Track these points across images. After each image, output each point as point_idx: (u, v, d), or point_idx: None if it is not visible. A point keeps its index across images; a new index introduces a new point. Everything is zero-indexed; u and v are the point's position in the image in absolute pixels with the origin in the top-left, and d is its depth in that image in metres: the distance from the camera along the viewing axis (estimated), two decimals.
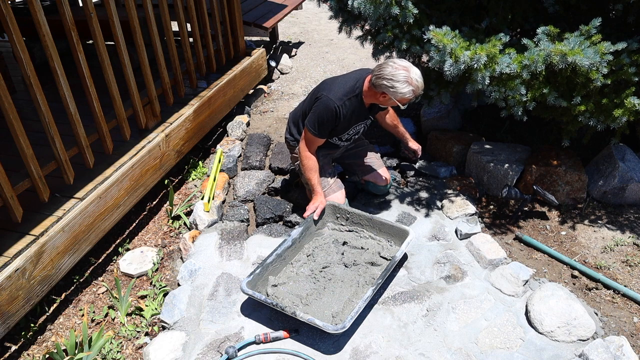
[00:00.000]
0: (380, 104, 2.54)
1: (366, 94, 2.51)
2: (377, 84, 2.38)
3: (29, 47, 4.05)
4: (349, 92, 2.50)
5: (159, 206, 3.22)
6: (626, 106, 2.38)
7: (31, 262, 2.19)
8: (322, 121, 2.50)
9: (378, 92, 2.41)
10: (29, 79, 2.23)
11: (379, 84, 2.37)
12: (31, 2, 2.19)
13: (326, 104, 2.47)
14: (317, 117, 2.50)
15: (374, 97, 2.48)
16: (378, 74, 2.36)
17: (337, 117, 2.49)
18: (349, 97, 2.49)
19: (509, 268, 2.43)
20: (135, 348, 2.26)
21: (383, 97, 2.42)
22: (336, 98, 2.47)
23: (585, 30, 2.35)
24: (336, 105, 2.46)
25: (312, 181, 2.64)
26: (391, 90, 2.34)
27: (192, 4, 3.46)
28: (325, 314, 2.21)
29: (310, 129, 2.54)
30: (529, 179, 2.97)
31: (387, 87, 2.34)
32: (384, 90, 2.37)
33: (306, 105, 2.67)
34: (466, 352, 2.08)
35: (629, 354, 1.98)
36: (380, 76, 2.34)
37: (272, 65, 5.11)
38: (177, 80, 3.40)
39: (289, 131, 2.85)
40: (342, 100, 2.47)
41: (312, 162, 2.61)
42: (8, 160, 2.39)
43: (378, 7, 2.63)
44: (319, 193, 2.66)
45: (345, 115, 2.51)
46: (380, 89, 2.38)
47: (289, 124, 2.85)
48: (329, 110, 2.47)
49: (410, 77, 2.32)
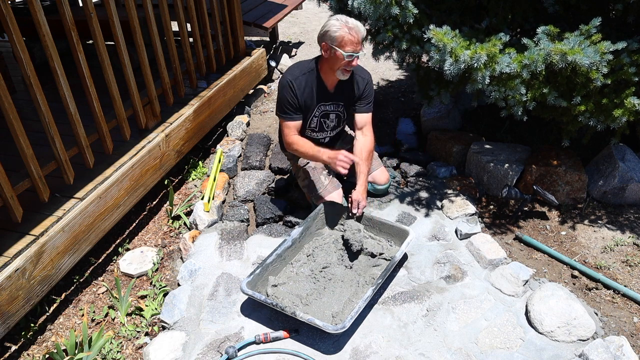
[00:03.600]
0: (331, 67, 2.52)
1: (322, 67, 2.60)
2: (319, 41, 2.52)
3: (29, 47, 4.05)
4: (304, 68, 2.63)
5: (159, 206, 3.22)
6: (626, 106, 2.38)
7: (31, 262, 2.19)
8: (283, 99, 2.60)
9: (322, 50, 2.51)
10: (29, 79, 2.23)
11: (319, 38, 2.51)
12: (31, 2, 2.19)
13: (281, 82, 2.61)
14: (279, 97, 2.63)
15: (325, 62, 2.56)
16: (319, 33, 2.51)
17: (294, 91, 2.57)
18: (303, 72, 2.61)
19: (509, 268, 2.43)
20: (135, 348, 2.26)
21: (326, 52, 2.51)
22: (290, 75, 2.60)
23: (585, 30, 2.35)
24: (288, 79, 2.58)
25: (316, 154, 2.55)
26: (327, 35, 2.45)
27: (192, 4, 3.46)
28: (325, 314, 2.21)
29: (280, 114, 2.66)
30: (529, 179, 2.97)
31: (322, 35, 2.48)
32: (323, 41, 2.48)
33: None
34: (466, 352, 2.08)
35: (629, 354, 1.98)
36: (320, 34, 2.50)
37: (272, 65, 5.11)
38: (177, 80, 3.40)
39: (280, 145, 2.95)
40: (295, 76, 2.60)
41: (302, 141, 2.64)
42: (8, 160, 2.39)
43: (378, 7, 2.63)
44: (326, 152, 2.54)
45: (301, 89, 2.59)
46: (321, 42, 2.50)
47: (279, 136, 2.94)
48: (284, 86, 2.59)
49: (339, 17, 2.45)
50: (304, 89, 2.60)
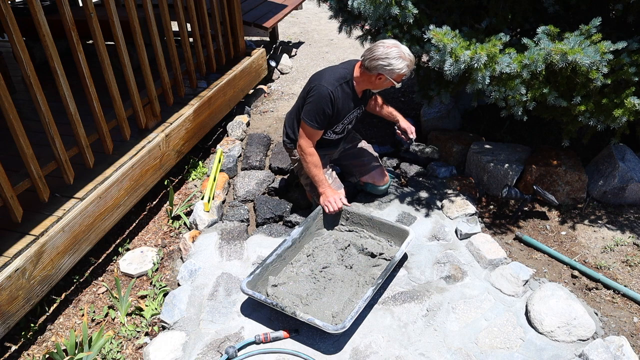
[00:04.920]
0: (374, 88, 2.56)
1: (358, 80, 2.54)
2: (371, 67, 2.40)
3: (29, 47, 4.07)
4: (340, 78, 2.53)
5: (159, 206, 3.22)
6: (626, 106, 2.38)
7: (31, 262, 2.19)
8: (319, 110, 2.50)
9: (373, 74, 2.44)
10: (29, 79, 2.23)
11: (373, 65, 2.39)
12: (31, 2, 2.19)
13: (320, 91, 2.48)
14: (315, 107, 2.50)
15: (368, 81, 2.51)
16: (370, 56, 2.39)
17: (333, 103, 2.50)
18: (340, 83, 2.52)
19: (509, 268, 2.43)
20: (135, 348, 2.26)
21: (379, 79, 2.46)
22: (329, 84, 2.49)
23: (585, 30, 2.35)
24: (330, 90, 2.47)
25: (317, 177, 2.62)
26: (387, 68, 2.37)
27: (192, 4, 3.46)
28: (325, 314, 2.21)
29: (308, 121, 2.53)
30: (529, 179, 2.97)
31: (383, 66, 2.37)
32: (379, 71, 2.40)
33: (300, 102, 2.67)
34: (466, 352, 2.08)
35: (629, 354, 1.98)
36: (374, 58, 2.38)
37: (272, 65, 5.12)
38: (177, 80, 3.40)
39: (285, 134, 2.84)
40: (334, 85, 2.50)
41: (315, 158, 2.60)
42: (8, 160, 2.39)
43: (378, 7, 2.63)
44: (327, 187, 2.65)
45: (339, 100, 2.53)
46: (376, 70, 2.40)
47: (285, 127, 2.85)
48: (325, 97, 2.47)
49: (402, 52, 2.37)
50: (342, 100, 2.54)
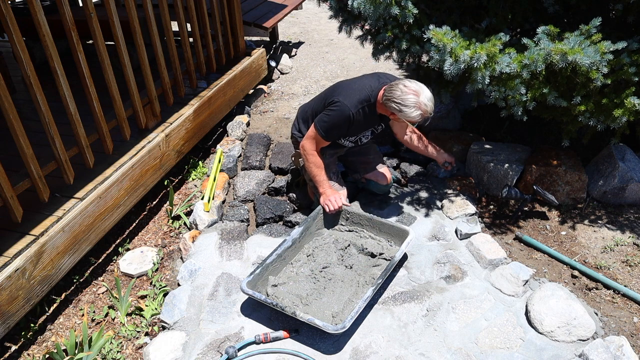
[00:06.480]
0: (393, 119, 2.58)
1: (379, 105, 2.53)
2: (387, 105, 2.42)
3: (29, 47, 4.06)
4: (365, 99, 2.51)
5: (159, 206, 3.22)
6: (626, 106, 2.38)
7: (31, 262, 2.19)
8: (334, 126, 2.52)
9: (389, 110, 2.45)
10: (29, 79, 2.23)
11: (388, 105, 2.41)
12: (31, 2, 2.19)
13: (342, 110, 2.48)
14: (330, 121, 2.52)
15: (387, 112, 2.51)
16: (388, 95, 2.39)
17: (351, 123, 2.52)
18: (363, 105, 2.51)
19: (509, 268, 2.43)
20: (135, 348, 2.26)
21: (393, 116, 2.47)
22: (352, 105, 2.48)
23: (585, 30, 2.35)
24: (352, 112, 2.48)
25: (318, 177, 2.65)
26: (399, 113, 2.38)
27: (192, 4, 3.46)
28: (325, 314, 2.21)
29: (319, 130, 2.55)
30: (529, 179, 2.97)
31: (396, 109, 2.38)
32: (392, 111, 2.41)
33: (319, 106, 2.67)
34: (466, 352, 2.08)
35: (629, 354, 1.98)
36: (390, 98, 2.38)
37: (272, 65, 5.11)
38: (177, 80, 3.40)
39: (296, 127, 2.86)
40: (357, 107, 2.49)
41: (318, 160, 2.64)
42: (8, 160, 2.39)
43: (378, 7, 2.63)
44: (327, 187, 2.68)
45: (358, 121, 2.54)
46: (390, 109, 2.42)
47: (298, 120, 2.86)
48: (344, 117, 2.49)
49: (419, 102, 2.33)
50: (361, 121, 2.56)
